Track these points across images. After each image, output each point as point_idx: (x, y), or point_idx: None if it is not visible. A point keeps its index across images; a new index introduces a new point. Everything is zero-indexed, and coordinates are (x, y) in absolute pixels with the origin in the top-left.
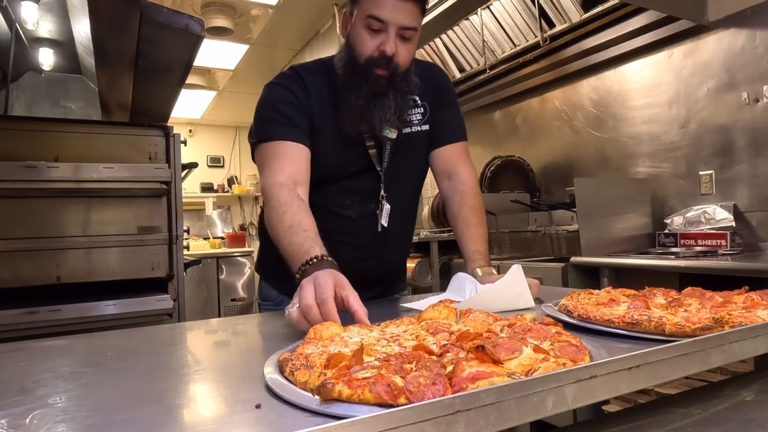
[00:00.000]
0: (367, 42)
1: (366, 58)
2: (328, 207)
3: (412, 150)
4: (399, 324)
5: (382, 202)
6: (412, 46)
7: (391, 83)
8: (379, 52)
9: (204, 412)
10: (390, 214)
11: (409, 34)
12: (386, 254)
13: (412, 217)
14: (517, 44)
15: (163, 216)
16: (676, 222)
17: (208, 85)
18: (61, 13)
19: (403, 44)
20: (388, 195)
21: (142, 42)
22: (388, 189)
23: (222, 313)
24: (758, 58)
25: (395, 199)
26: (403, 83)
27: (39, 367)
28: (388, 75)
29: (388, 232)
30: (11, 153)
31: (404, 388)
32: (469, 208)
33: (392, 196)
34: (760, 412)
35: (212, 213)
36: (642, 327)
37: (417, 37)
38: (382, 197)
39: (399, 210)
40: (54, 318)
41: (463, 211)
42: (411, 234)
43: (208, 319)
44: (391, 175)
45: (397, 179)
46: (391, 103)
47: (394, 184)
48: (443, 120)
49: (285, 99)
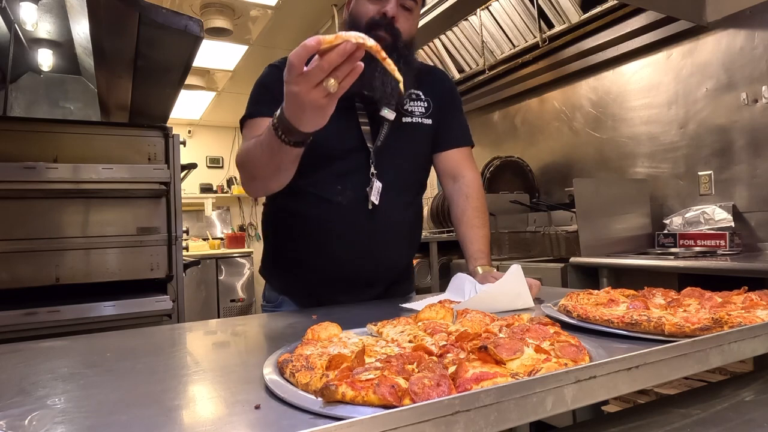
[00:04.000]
0: (368, 6)
1: (367, 20)
2: (317, 193)
3: (412, 140)
4: (396, 324)
5: (372, 180)
6: (413, 19)
7: (393, 50)
8: (380, 14)
9: (203, 413)
10: (382, 196)
11: (409, 4)
12: (381, 249)
13: (412, 214)
14: (516, 45)
15: (162, 217)
16: (675, 222)
17: (208, 85)
18: (60, 13)
19: (403, 13)
20: (378, 173)
21: (141, 43)
22: (379, 168)
23: (221, 314)
24: (757, 59)
25: (389, 185)
26: (405, 51)
27: (38, 368)
28: (391, 41)
29: (381, 220)
30: (10, 154)
31: (409, 389)
32: (473, 209)
33: (385, 178)
34: (759, 413)
35: (211, 214)
36: (641, 327)
37: (418, 12)
38: (372, 174)
39: (393, 197)
40: (53, 319)
41: (467, 212)
42: (412, 232)
43: (207, 320)
44: (384, 157)
45: (390, 163)
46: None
47: (387, 167)
48: (451, 123)
49: (277, 78)
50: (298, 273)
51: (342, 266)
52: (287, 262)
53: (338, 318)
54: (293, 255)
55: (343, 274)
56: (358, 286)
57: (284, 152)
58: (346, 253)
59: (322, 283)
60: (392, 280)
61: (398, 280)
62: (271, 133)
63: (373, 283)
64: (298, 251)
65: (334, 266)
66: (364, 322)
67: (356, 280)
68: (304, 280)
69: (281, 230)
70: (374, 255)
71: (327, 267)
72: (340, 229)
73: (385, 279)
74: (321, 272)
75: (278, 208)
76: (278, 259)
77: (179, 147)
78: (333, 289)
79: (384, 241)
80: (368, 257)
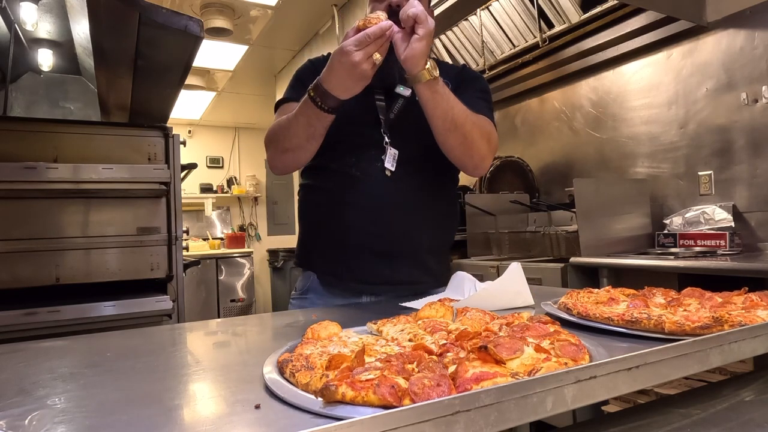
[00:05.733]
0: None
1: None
2: (335, 168)
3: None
4: (396, 323)
5: (386, 148)
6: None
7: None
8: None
9: (203, 413)
10: (400, 169)
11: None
12: (401, 222)
13: (437, 195)
14: (516, 45)
15: (162, 217)
16: (675, 222)
17: (208, 85)
18: (60, 13)
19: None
20: (393, 144)
21: (141, 43)
22: (393, 140)
23: (221, 314)
24: (757, 59)
25: (406, 159)
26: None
27: (38, 368)
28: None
29: (398, 192)
30: (10, 154)
31: (409, 389)
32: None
33: (402, 151)
34: (759, 413)
35: (211, 214)
36: (641, 325)
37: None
38: (386, 143)
39: (411, 170)
40: (53, 319)
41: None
42: (439, 214)
43: (207, 320)
44: (400, 131)
45: (407, 136)
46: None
47: (403, 140)
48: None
49: (306, 69)
50: (324, 247)
51: (361, 236)
52: (316, 239)
53: (338, 317)
54: (319, 230)
55: (365, 245)
56: (384, 261)
57: (319, 119)
58: (364, 223)
59: (348, 254)
60: (421, 262)
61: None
62: (308, 104)
63: (396, 257)
64: (322, 225)
65: (356, 237)
66: (363, 320)
67: (380, 252)
68: (331, 254)
69: (309, 210)
70: (393, 227)
71: (349, 238)
72: (355, 200)
73: (410, 256)
74: (344, 244)
75: (305, 191)
76: (308, 239)
77: (179, 147)
78: (359, 261)
79: (403, 214)
80: (386, 228)
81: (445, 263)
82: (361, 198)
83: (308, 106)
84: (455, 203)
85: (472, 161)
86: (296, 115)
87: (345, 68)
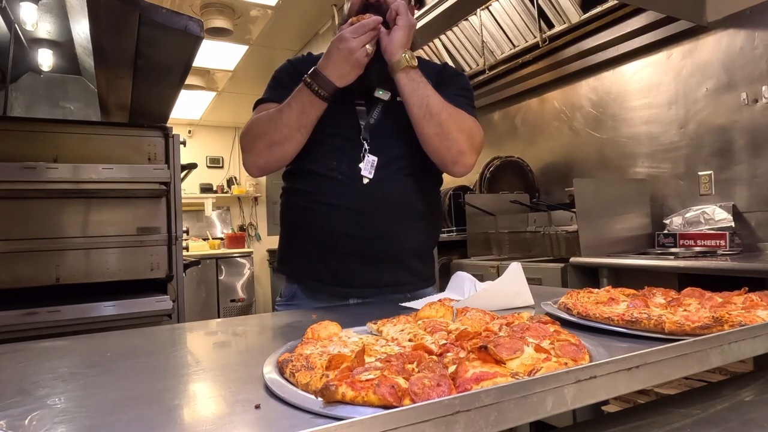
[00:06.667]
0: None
1: (358, 6)
2: (316, 170)
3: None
4: (396, 323)
5: (365, 155)
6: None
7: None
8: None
9: (203, 413)
10: (380, 172)
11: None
12: (383, 224)
13: (420, 196)
14: (516, 45)
15: (162, 217)
16: (676, 222)
17: (208, 85)
18: (60, 13)
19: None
20: (372, 149)
21: (141, 43)
22: (373, 145)
23: (221, 314)
24: (757, 59)
25: (387, 162)
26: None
27: (38, 368)
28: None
29: (379, 195)
30: (10, 154)
31: (409, 389)
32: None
33: (381, 155)
34: (759, 413)
35: (211, 214)
36: (641, 325)
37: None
38: (365, 150)
39: (392, 173)
40: (53, 319)
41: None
42: (422, 215)
43: (207, 320)
44: (379, 135)
45: (386, 140)
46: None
47: (382, 144)
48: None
49: (284, 69)
50: (306, 251)
51: (344, 239)
52: (296, 243)
53: (338, 317)
54: (301, 233)
55: (348, 248)
56: (368, 264)
57: (313, 107)
58: (347, 226)
59: (331, 258)
60: (405, 264)
61: (413, 267)
62: (304, 92)
63: (381, 260)
64: (304, 228)
65: (339, 240)
66: (363, 320)
67: (356, 257)
68: (314, 258)
69: (290, 213)
70: (376, 230)
71: (331, 241)
72: (337, 202)
73: (394, 258)
74: (326, 246)
75: (287, 194)
76: (289, 243)
77: (179, 147)
78: (342, 265)
79: (384, 215)
80: (369, 231)
81: (430, 263)
82: (343, 200)
83: (303, 94)
84: (438, 204)
85: (450, 154)
86: (289, 104)
87: (342, 54)
